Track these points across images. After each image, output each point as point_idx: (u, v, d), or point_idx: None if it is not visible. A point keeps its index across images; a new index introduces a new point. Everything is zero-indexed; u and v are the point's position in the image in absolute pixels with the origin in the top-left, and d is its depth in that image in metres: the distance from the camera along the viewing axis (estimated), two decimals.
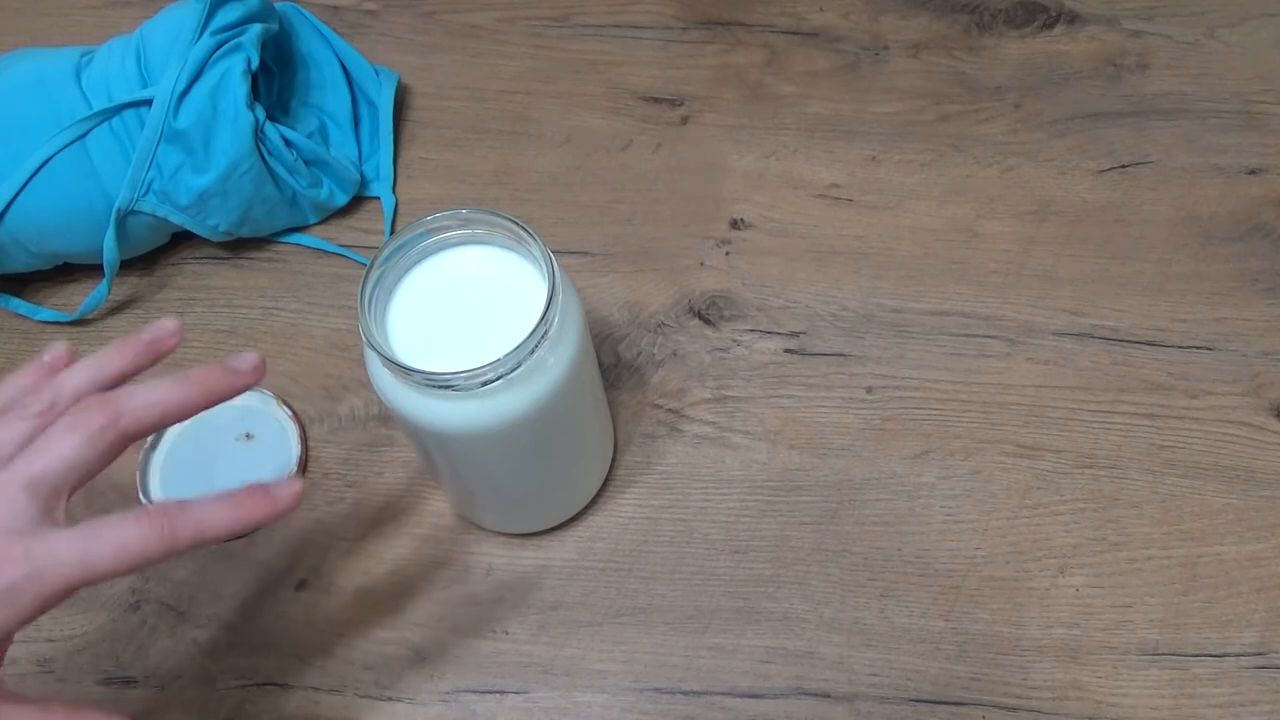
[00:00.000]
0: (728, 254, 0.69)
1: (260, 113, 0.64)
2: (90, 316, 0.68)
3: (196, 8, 0.64)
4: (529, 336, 0.47)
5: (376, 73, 0.74)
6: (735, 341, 0.66)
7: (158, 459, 0.63)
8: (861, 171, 0.71)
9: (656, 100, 0.75)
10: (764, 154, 0.72)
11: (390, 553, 0.61)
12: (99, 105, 0.63)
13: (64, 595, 0.40)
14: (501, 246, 0.51)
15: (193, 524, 0.42)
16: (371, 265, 0.49)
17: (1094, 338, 0.65)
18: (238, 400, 0.64)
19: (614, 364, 0.66)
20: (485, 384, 0.47)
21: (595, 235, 0.70)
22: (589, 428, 0.57)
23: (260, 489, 0.43)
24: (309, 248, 0.71)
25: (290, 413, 0.64)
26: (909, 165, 0.72)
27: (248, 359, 0.46)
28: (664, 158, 0.73)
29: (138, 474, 0.63)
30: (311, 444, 0.64)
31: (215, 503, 0.43)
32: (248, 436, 0.64)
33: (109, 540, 0.40)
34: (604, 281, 0.68)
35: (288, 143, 0.66)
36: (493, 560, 0.60)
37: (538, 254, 0.49)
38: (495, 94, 0.76)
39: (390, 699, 0.57)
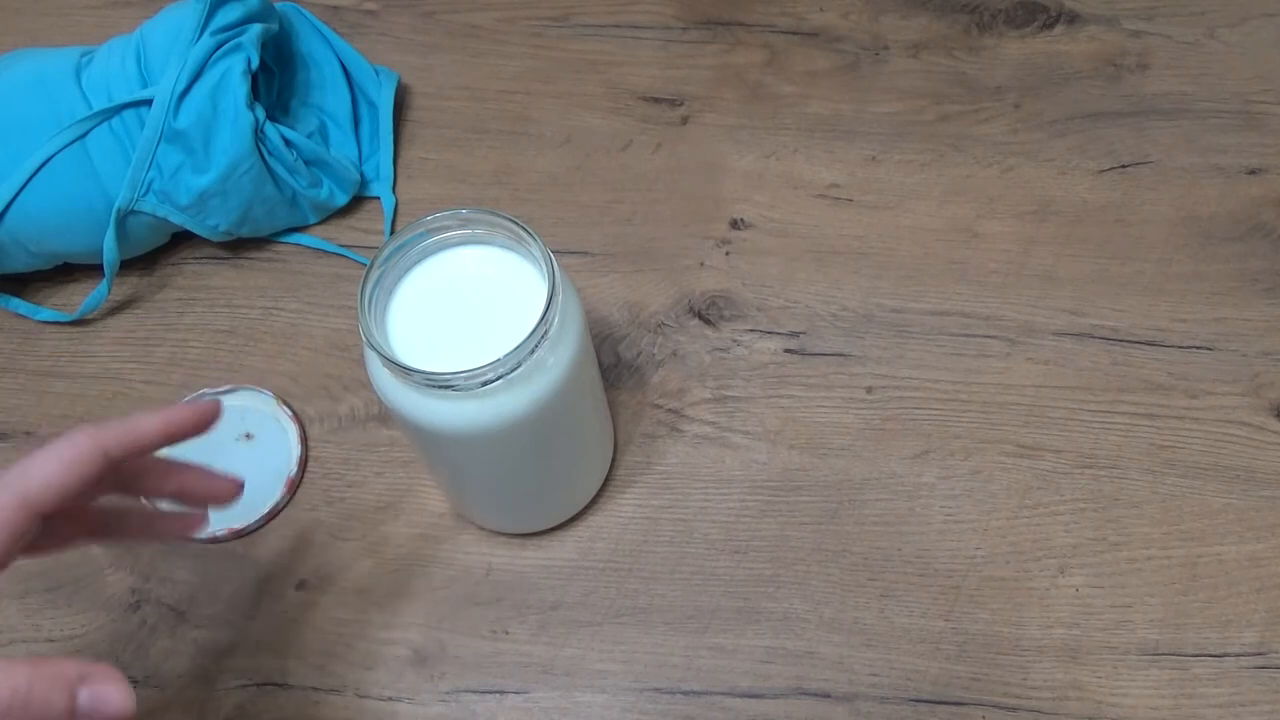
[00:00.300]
0: (728, 254, 0.69)
1: (260, 113, 0.64)
2: (90, 316, 0.68)
3: (196, 8, 0.64)
4: (529, 336, 0.47)
5: (376, 73, 0.74)
6: (735, 341, 0.66)
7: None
8: (861, 171, 0.71)
9: (656, 100, 0.75)
10: (764, 154, 0.73)
11: (390, 553, 0.61)
12: (99, 105, 0.63)
13: (19, 527, 0.41)
14: (501, 246, 0.51)
15: (118, 428, 0.43)
16: (371, 265, 0.49)
17: (1094, 338, 0.65)
18: (237, 400, 0.65)
19: (614, 364, 0.66)
20: (485, 384, 0.47)
21: (595, 235, 0.70)
22: (589, 428, 0.57)
23: (185, 405, 0.47)
24: (309, 248, 0.71)
25: (290, 413, 0.64)
26: (909, 165, 0.72)
27: (225, 482, 0.50)
28: (664, 158, 0.73)
29: None
30: (311, 444, 0.64)
31: (142, 413, 0.45)
32: (248, 436, 0.64)
33: (40, 457, 0.42)
34: (604, 281, 0.68)
35: (288, 143, 0.66)
36: (493, 560, 0.60)
37: (538, 254, 0.49)
38: (495, 94, 0.76)
39: (390, 699, 0.57)
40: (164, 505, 0.62)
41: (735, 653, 0.57)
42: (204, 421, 0.47)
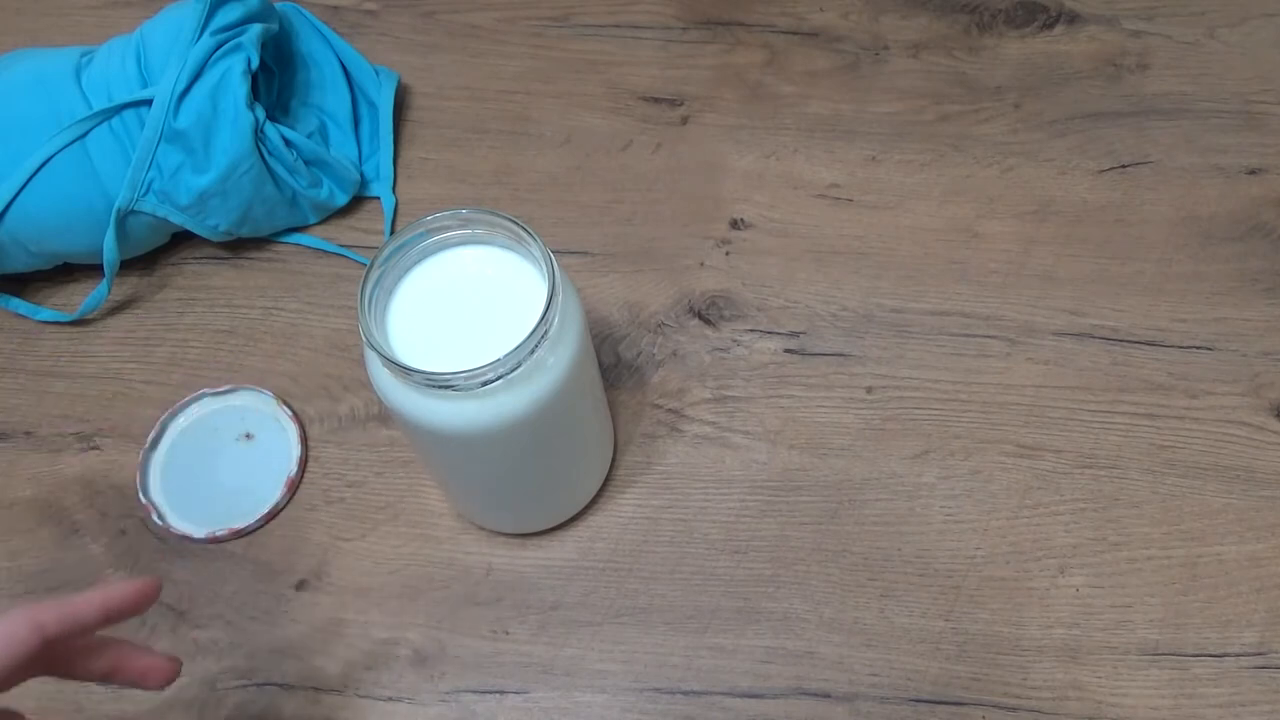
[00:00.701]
0: (728, 254, 0.69)
1: (260, 113, 0.64)
2: (90, 316, 0.68)
3: (196, 8, 0.64)
4: (529, 336, 0.47)
5: (376, 73, 0.74)
6: (735, 341, 0.66)
7: (158, 459, 0.63)
8: (861, 171, 0.71)
9: (656, 100, 0.75)
10: (764, 154, 0.73)
11: (390, 553, 0.61)
12: (99, 105, 0.63)
13: None
14: (501, 246, 0.51)
15: (57, 607, 0.43)
16: (371, 265, 0.49)
17: (1094, 338, 0.65)
18: (237, 400, 0.65)
19: (614, 364, 0.66)
20: (485, 384, 0.47)
21: (595, 235, 0.70)
22: (589, 428, 0.57)
23: (129, 580, 0.46)
24: (309, 248, 0.71)
25: (290, 413, 0.64)
26: (909, 165, 0.72)
27: (161, 662, 0.47)
28: (664, 158, 0.73)
29: (138, 474, 0.62)
30: (311, 444, 0.64)
31: (81, 593, 0.44)
32: (248, 436, 0.64)
33: None
34: (604, 281, 0.68)
35: (288, 143, 0.66)
36: (493, 560, 0.60)
37: (538, 254, 0.49)
38: (495, 94, 0.76)
39: (390, 699, 0.57)
40: (155, 497, 0.62)
41: (735, 653, 0.57)
42: (144, 601, 0.46)
